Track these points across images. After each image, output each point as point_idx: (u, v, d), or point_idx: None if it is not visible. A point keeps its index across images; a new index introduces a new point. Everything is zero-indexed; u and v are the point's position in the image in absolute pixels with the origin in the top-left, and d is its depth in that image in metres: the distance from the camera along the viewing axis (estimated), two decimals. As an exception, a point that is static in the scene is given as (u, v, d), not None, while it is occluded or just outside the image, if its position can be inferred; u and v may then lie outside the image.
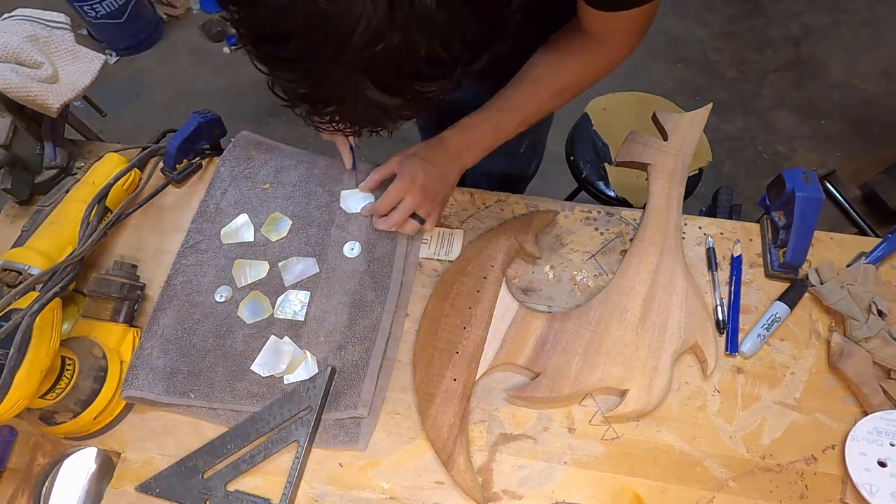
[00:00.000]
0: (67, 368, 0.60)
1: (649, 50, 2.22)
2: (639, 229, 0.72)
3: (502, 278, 0.70)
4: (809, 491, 0.60)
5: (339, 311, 0.69)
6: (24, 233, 0.72)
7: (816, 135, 2.00)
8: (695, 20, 2.29)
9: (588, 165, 1.26)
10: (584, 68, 0.64)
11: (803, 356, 0.67)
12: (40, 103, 0.75)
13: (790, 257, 0.68)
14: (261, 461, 0.61)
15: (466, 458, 0.61)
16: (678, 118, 0.78)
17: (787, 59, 2.19)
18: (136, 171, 0.79)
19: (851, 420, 0.63)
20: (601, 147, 1.27)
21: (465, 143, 0.68)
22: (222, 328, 0.68)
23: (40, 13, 0.82)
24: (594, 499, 0.61)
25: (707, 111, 0.78)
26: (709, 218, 0.77)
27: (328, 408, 0.64)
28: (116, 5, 2.17)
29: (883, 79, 2.11)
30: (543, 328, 0.67)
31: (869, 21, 2.27)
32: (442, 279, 0.71)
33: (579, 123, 1.31)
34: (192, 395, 0.65)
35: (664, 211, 0.73)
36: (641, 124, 1.28)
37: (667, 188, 0.74)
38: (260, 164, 0.80)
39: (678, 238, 0.71)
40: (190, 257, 0.73)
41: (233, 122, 0.88)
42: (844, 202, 1.25)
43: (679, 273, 0.69)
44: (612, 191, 1.22)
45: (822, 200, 0.68)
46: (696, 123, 0.78)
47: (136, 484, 0.62)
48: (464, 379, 0.64)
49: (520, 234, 0.72)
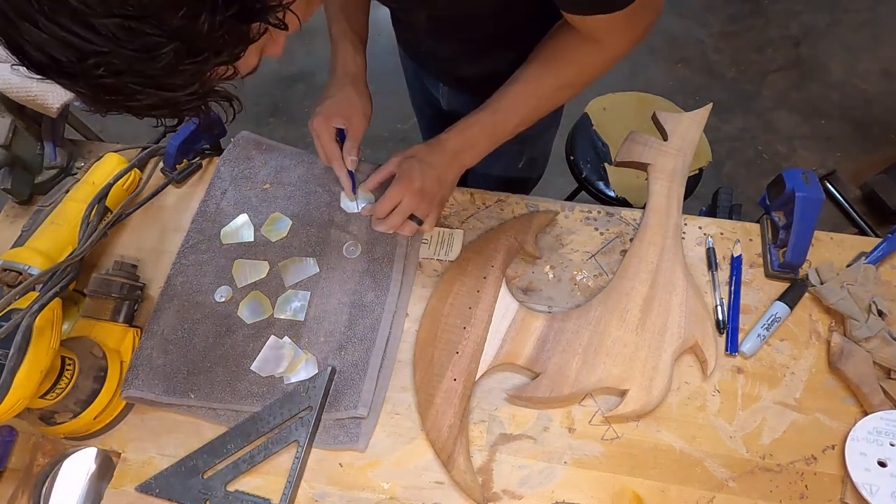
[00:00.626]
0: (67, 368, 0.60)
1: (649, 50, 2.22)
2: (639, 229, 0.72)
3: (502, 278, 0.70)
4: (809, 491, 0.60)
5: (339, 311, 0.69)
6: (24, 233, 0.72)
7: (816, 135, 2.00)
8: (695, 20, 2.29)
9: (588, 165, 1.26)
10: (580, 65, 0.63)
11: (803, 356, 0.67)
12: (40, 103, 0.75)
13: (790, 257, 0.68)
14: (261, 461, 0.61)
15: (466, 458, 0.61)
16: (678, 118, 0.78)
17: (787, 59, 2.19)
18: (136, 171, 0.79)
19: (851, 420, 0.63)
20: (601, 147, 1.27)
21: (462, 144, 0.67)
22: (222, 328, 0.68)
23: (40, 13, 0.82)
24: (594, 499, 0.61)
25: (707, 111, 0.78)
26: (709, 218, 0.77)
27: (328, 408, 0.64)
28: (116, 5, 2.17)
29: (883, 79, 2.11)
30: (543, 328, 0.66)
31: (869, 21, 2.27)
32: (442, 279, 0.71)
33: (579, 123, 1.31)
34: (192, 395, 0.65)
35: (664, 211, 0.72)
36: (641, 124, 1.27)
37: (667, 188, 0.74)
38: (260, 164, 0.80)
39: (678, 238, 0.71)
40: (190, 257, 0.73)
41: (233, 122, 0.88)
42: (844, 202, 1.25)
43: (679, 273, 0.68)
44: (612, 191, 1.22)
45: (822, 200, 0.68)
46: (696, 123, 0.78)
47: (136, 484, 0.62)
48: (464, 379, 0.64)
49: (520, 234, 0.72)
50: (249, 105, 2.23)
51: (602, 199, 1.23)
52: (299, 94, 2.20)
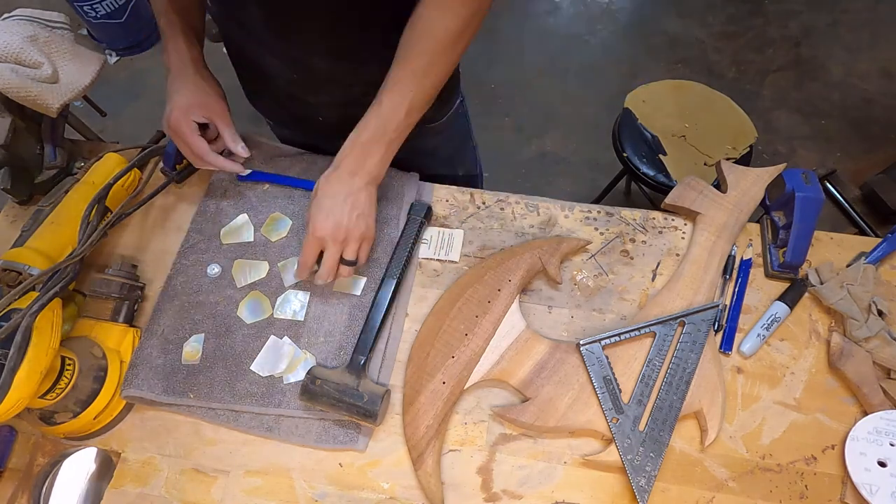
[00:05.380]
0: (67, 368, 0.60)
1: (649, 50, 2.22)
2: (671, 278, 0.70)
3: (517, 295, 0.68)
4: (809, 491, 0.60)
5: (338, 311, 0.69)
6: (24, 233, 0.72)
7: (816, 135, 2.00)
8: (695, 20, 2.29)
9: (644, 160, 1.27)
10: (439, 16, 0.57)
11: (803, 356, 0.67)
12: (40, 103, 0.75)
13: (790, 257, 0.68)
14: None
15: (436, 462, 0.60)
16: (742, 171, 0.73)
17: (787, 59, 2.19)
18: (136, 171, 0.79)
19: (851, 420, 0.63)
20: (651, 140, 1.28)
21: (358, 158, 0.62)
22: (222, 328, 0.68)
23: (40, 13, 0.82)
24: (594, 499, 0.60)
25: (778, 170, 0.73)
26: (709, 218, 0.77)
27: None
28: (116, 5, 2.17)
29: (883, 79, 2.11)
30: (545, 354, 0.65)
31: (869, 21, 2.27)
32: (456, 282, 0.70)
33: (623, 119, 1.32)
34: (191, 395, 0.65)
35: (703, 265, 0.69)
36: (683, 110, 1.31)
37: (711, 242, 0.70)
38: (260, 163, 0.80)
39: (710, 297, 0.68)
40: (190, 257, 0.73)
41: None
42: (844, 202, 1.25)
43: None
44: (675, 181, 1.22)
45: (822, 200, 0.68)
46: (762, 180, 0.73)
47: (136, 484, 0.62)
48: (453, 384, 0.63)
49: (545, 254, 0.69)
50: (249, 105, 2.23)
51: (665, 190, 1.19)
52: (299, 94, 2.20)
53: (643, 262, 0.73)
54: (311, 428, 0.64)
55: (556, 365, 0.64)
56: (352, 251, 0.64)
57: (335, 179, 0.62)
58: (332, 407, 0.61)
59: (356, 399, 0.60)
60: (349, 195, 0.62)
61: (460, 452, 0.63)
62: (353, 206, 0.62)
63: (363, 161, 0.62)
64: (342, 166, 0.62)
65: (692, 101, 1.33)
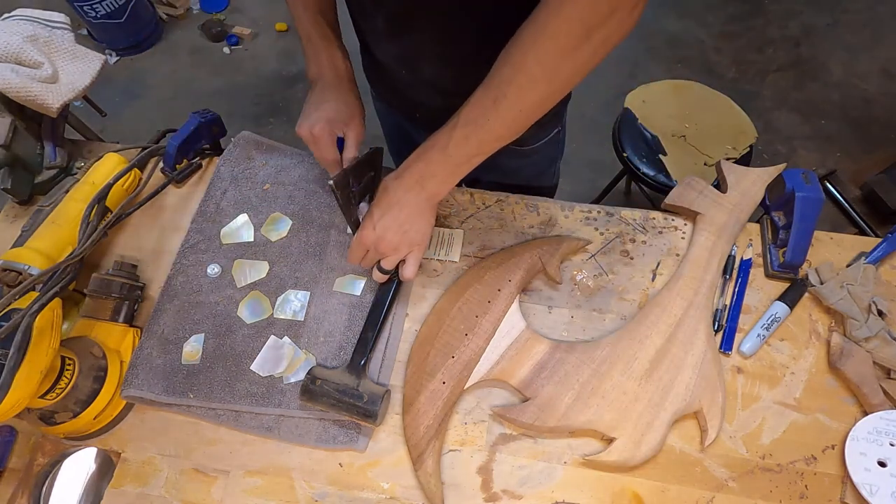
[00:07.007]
0: (67, 368, 0.60)
1: (649, 50, 2.22)
2: (671, 278, 0.69)
3: (517, 295, 0.68)
4: (809, 491, 0.60)
5: (338, 311, 0.69)
6: (24, 233, 0.72)
7: (816, 135, 2.00)
8: (695, 20, 2.30)
9: (644, 160, 1.27)
10: (536, 38, 0.46)
11: (803, 356, 0.67)
12: (40, 103, 0.75)
13: (790, 257, 0.68)
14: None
15: (436, 462, 0.60)
16: (744, 172, 0.73)
17: (787, 59, 2.19)
18: (136, 171, 0.79)
19: (851, 420, 0.63)
20: (651, 139, 1.28)
21: (421, 171, 0.59)
22: (222, 328, 0.69)
23: (40, 13, 0.82)
24: (594, 499, 0.61)
25: (778, 170, 0.73)
26: (709, 218, 0.77)
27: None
28: (116, 5, 2.18)
29: (883, 79, 2.12)
30: (545, 354, 0.65)
31: (869, 21, 2.27)
32: (456, 282, 0.70)
33: (623, 119, 1.32)
34: (191, 395, 0.65)
35: (703, 266, 0.69)
36: (683, 110, 1.31)
37: (711, 242, 0.70)
38: (260, 164, 0.81)
39: (710, 297, 0.68)
40: (190, 257, 0.73)
41: (233, 122, 0.88)
42: (844, 202, 1.25)
43: (701, 333, 0.65)
44: (675, 181, 1.22)
45: (822, 200, 0.68)
46: (762, 180, 0.73)
47: (136, 484, 0.62)
48: (453, 385, 0.63)
49: (545, 254, 0.69)
50: (249, 105, 2.23)
51: (665, 190, 1.21)
52: (299, 94, 2.20)
53: (643, 262, 0.73)
54: (310, 428, 0.64)
55: (556, 365, 0.64)
56: (389, 262, 0.63)
57: (397, 187, 0.60)
58: (332, 407, 0.61)
59: (356, 399, 0.60)
60: (403, 208, 0.60)
61: (460, 452, 0.63)
62: (409, 218, 0.60)
63: (425, 177, 0.59)
64: (408, 174, 0.60)
65: (692, 101, 1.34)
